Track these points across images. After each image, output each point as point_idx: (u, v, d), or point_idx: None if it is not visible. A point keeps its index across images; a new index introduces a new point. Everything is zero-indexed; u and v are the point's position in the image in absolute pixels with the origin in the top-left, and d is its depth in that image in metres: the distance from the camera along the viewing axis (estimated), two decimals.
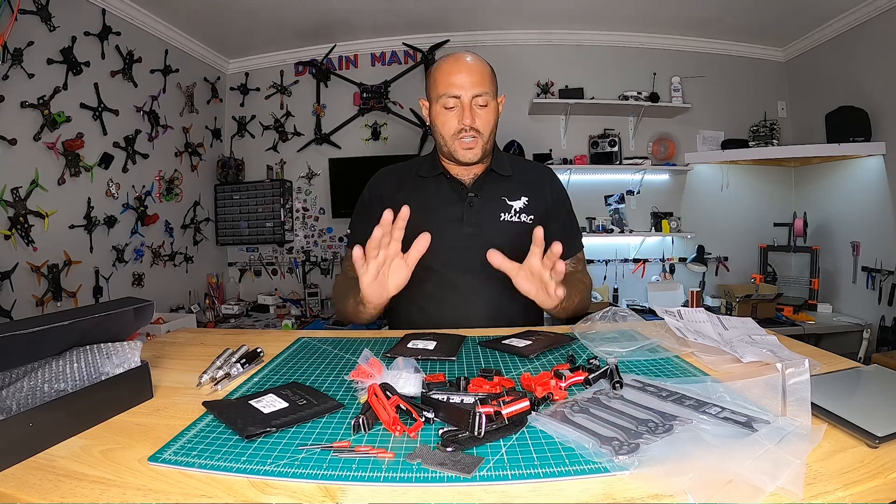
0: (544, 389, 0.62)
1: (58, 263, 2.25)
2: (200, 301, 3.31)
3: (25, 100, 2.10)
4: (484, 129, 1.13)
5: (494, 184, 1.20)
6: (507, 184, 1.21)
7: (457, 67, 1.11)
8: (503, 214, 1.18)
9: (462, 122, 1.11)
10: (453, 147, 1.14)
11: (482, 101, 1.12)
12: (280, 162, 3.61)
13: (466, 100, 1.10)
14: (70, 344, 0.65)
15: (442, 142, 1.16)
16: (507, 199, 1.19)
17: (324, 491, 0.45)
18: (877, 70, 2.70)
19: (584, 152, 3.37)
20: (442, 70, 1.13)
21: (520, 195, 1.20)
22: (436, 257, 1.13)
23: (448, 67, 1.12)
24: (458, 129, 1.12)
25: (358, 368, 0.66)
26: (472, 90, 1.10)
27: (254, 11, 2.90)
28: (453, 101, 1.11)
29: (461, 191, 1.19)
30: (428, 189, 1.21)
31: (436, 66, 1.16)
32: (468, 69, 1.11)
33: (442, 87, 1.11)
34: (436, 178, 1.21)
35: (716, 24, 3.10)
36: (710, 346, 0.80)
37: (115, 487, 0.46)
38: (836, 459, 0.48)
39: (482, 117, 1.12)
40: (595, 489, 0.44)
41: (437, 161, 1.22)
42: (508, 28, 3.30)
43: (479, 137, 1.13)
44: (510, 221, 1.17)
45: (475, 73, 1.11)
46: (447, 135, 1.14)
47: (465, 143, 1.12)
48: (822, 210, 3.16)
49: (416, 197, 1.19)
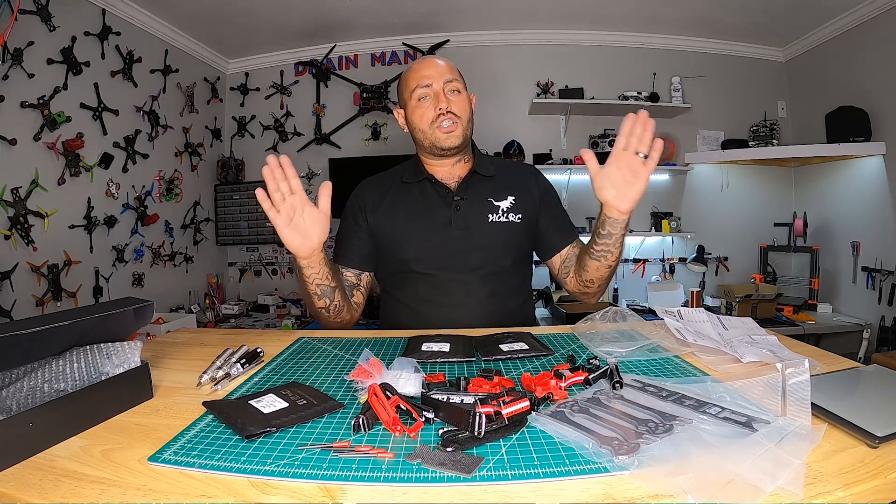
0: (544, 389, 0.62)
1: (58, 263, 2.24)
2: (200, 301, 3.31)
3: (25, 100, 2.10)
4: (461, 114, 1.14)
5: (479, 185, 1.20)
6: (492, 184, 1.20)
7: (425, 63, 1.16)
8: (491, 215, 1.17)
9: (438, 107, 1.12)
10: (433, 136, 1.14)
11: (454, 87, 1.14)
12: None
13: (439, 86, 1.13)
14: (70, 344, 0.65)
15: (421, 136, 1.16)
16: (493, 200, 1.18)
17: (324, 491, 0.45)
18: (877, 70, 2.69)
19: None
20: (411, 69, 1.18)
21: (506, 195, 1.19)
22: (426, 262, 1.15)
23: (416, 66, 1.18)
24: (436, 116, 1.13)
25: (358, 368, 0.66)
26: (443, 77, 1.13)
27: (254, 11, 2.90)
28: (426, 90, 1.13)
29: (446, 195, 1.18)
30: (412, 194, 1.20)
31: (404, 74, 1.21)
32: (435, 63, 1.16)
33: (413, 81, 1.15)
34: (420, 183, 1.20)
35: (716, 24, 3.10)
36: (709, 347, 0.80)
37: (115, 487, 0.46)
38: (836, 459, 0.48)
39: (457, 103, 1.14)
40: (595, 489, 0.44)
41: (419, 165, 1.22)
42: (508, 28, 3.30)
43: (458, 122, 1.13)
44: (498, 222, 1.17)
45: (442, 65, 1.16)
46: (425, 125, 1.14)
47: (444, 127, 1.13)
48: (822, 210, 3.16)
49: (400, 203, 1.20)
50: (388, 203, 1.20)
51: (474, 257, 1.14)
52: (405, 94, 1.18)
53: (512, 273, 1.20)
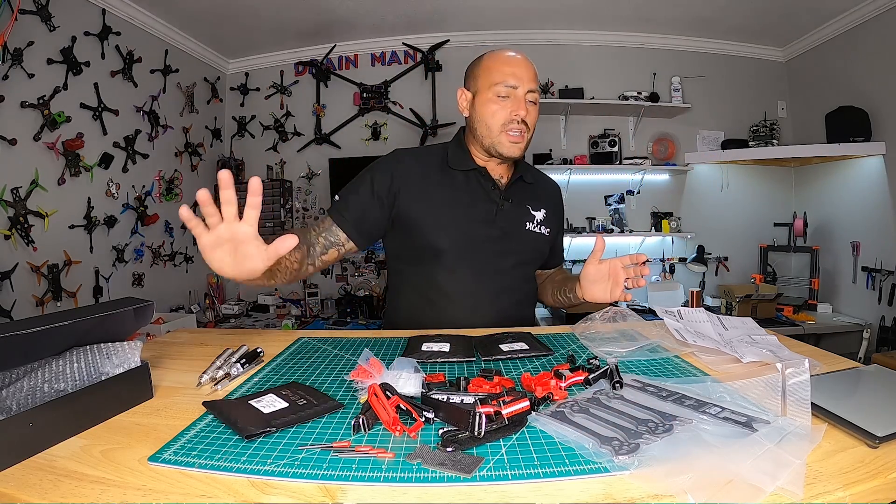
0: (544, 389, 0.62)
1: (58, 263, 2.24)
2: (200, 301, 3.31)
3: (25, 100, 2.10)
4: (531, 126, 1.11)
5: (522, 191, 1.18)
6: (532, 193, 1.20)
7: (515, 60, 1.09)
8: (528, 224, 1.17)
9: (516, 114, 1.06)
10: (499, 139, 1.08)
11: (532, 98, 1.09)
12: (280, 162, 3.61)
13: (522, 92, 1.07)
14: (70, 344, 0.65)
15: (486, 132, 1.09)
16: (531, 209, 1.18)
17: (324, 491, 0.45)
18: (877, 70, 2.69)
19: (584, 152, 3.37)
20: (499, 59, 1.09)
21: (541, 206, 1.20)
22: (460, 254, 1.11)
23: (506, 58, 1.09)
24: (509, 121, 1.07)
25: (358, 368, 0.66)
26: (529, 84, 1.07)
27: (254, 11, 2.90)
28: (509, 90, 1.07)
29: (494, 192, 1.14)
30: (457, 182, 1.14)
31: (489, 56, 1.11)
32: (526, 64, 1.09)
33: (498, 75, 1.07)
34: (469, 172, 1.14)
35: (716, 24, 3.10)
36: (709, 347, 0.80)
37: (115, 487, 0.46)
38: (836, 459, 0.48)
39: (532, 114, 1.09)
40: (595, 489, 0.44)
41: (468, 155, 1.15)
42: (508, 28, 3.30)
43: (527, 134, 1.10)
44: (533, 231, 1.17)
45: (532, 69, 1.10)
46: (495, 125, 1.08)
47: (512, 136, 1.07)
48: (822, 210, 3.16)
49: (443, 188, 1.13)
50: (428, 185, 1.12)
51: (506, 261, 1.14)
52: (481, 81, 1.09)
53: (528, 280, 1.22)
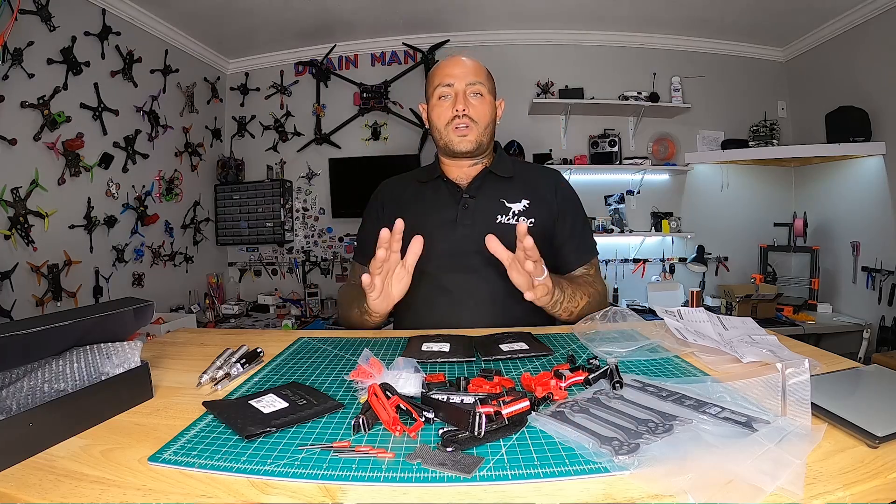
0: (544, 389, 0.62)
1: (58, 263, 2.24)
2: (200, 301, 3.31)
3: (25, 100, 2.10)
4: (478, 119, 1.13)
5: (493, 186, 1.18)
6: (507, 185, 1.18)
7: (452, 62, 1.16)
8: (500, 217, 1.14)
9: (455, 109, 1.11)
10: (448, 137, 1.14)
11: (476, 90, 1.13)
12: (280, 162, 3.61)
13: (460, 88, 1.12)
14: (70, 344, 0.65)
15: (437, 135, 1.17)
16: (505, 202, 1.16)
17: (324, 491, 0.45)
18: (877, 70, 2.70)
19: (584, 152, 3.37)
20: (438, 66, 1.18)
21: (520, 198, 1.17)
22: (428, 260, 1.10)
23: (444, 63, 1.17)
24: (452, 117, 1.12)
25: (358, 368, 0.66)
26: (466, 79, 1.12)
27: (254, 11, 2.90)
28: (447, 89, 1.13)
29: (456, 192, 1.18)
30: (426, 193, 1.21)
31: (432, 69, 1.20)
32: (462, 63, 1.15)
33: (437, 79, 1.15)
34: (433, 182, 1.21)
35: (716, 24, 3.10)
36: (709, 347, 0.80)
37: (115, 487, 0.46)
38: (836, 459, 0.48)
39: (476, 107, 1.13)
40: (595, 489, 0.44)
41: (436, 165, 1.23)
42: (508, 28, 3.30)
43: (474, 126, 1.13)
44: (507, 224, 1.14)
45: (469, 66, 1.15)
46: (441, 125, 1.14)
47: (459, 129, 1.12)
48: (822, 210, 3.16)
49: (414, 202, 1.20)
50: (404, 201, 1.21)
51: (476, 258, 1.10)
52: (429, 91, 1.18)
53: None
